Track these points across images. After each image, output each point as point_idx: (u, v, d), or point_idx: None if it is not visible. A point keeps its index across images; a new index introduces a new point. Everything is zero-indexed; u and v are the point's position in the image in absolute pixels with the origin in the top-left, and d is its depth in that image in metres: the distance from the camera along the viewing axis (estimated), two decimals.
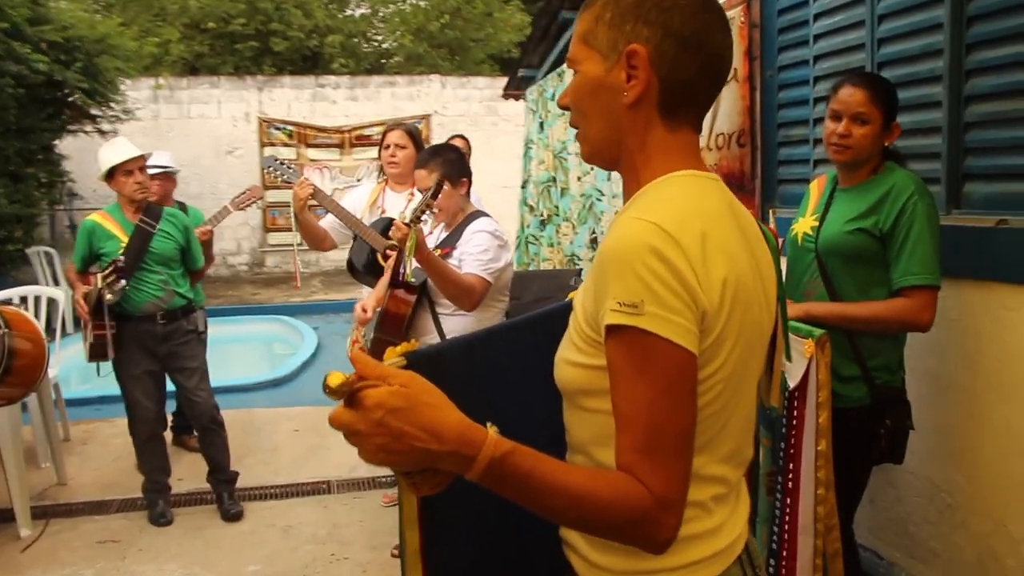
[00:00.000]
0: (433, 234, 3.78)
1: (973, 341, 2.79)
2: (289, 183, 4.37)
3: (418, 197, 4.46)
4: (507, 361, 1.67)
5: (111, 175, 4.32)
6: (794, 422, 2.52)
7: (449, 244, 3.59)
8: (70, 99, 10.29)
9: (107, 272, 4.07)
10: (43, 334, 4.21)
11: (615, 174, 5.62)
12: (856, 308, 2.57)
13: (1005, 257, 2.67)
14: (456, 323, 3.54)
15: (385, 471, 5.15)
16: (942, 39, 2.95)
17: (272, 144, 14.41)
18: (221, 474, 4.63)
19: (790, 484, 2.56)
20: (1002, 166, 2.81)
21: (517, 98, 8.61)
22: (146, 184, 4.40)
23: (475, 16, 18.52)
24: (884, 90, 2.65)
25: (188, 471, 5.13)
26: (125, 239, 4.34)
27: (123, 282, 4.07)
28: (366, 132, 14.79)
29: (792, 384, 2.48)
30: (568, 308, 1.66)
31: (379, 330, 3.57)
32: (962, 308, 2.78)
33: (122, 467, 5.36)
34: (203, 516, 4.61)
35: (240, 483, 4.76)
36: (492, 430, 1.08)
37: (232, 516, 4.51)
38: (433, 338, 3.56)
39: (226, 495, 4.60)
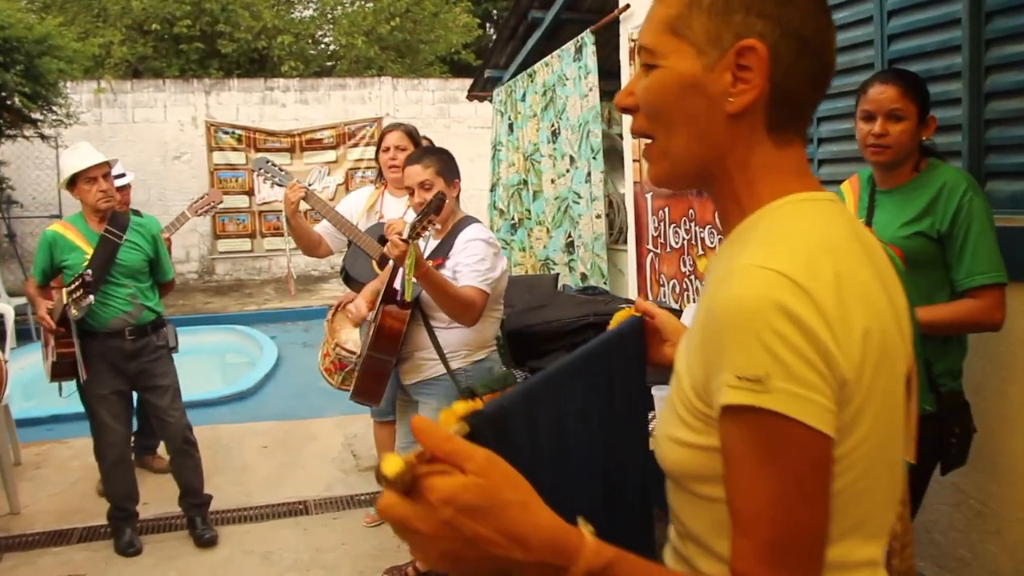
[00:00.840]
0: (421, 243, 3.59)
1: (1007, 344, 2.69)
2: (280, 185, 4.15)
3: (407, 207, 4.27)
4: (566, 408, 1.48)
5: (72, 182, 4.03)
6: None
7: (441, 254, 3.40)
8: (8, 102, 9.85)
9: (73, 287, 3.80)
10: (0, 352, 3.93)
11: (594, 175, 5.53)
12: (926, 313, 2.45)
13: None
14: (453, 336, 3.36)
15: (365, 488, 5.01)
16: (960, 34, 2.86)
17: (221, 149, 14.03)
18: (194, 498, 4.37)
19: None
20: None
21: (482, 99, 8.43)
22: (112, 192, 4.13)
23: (424, 17, 18.30)
24: (915, 84, 2.56)
25: (154, 494, 4.84)
26: (89, 250, 4.07)
27: (91, 297, 3.80)
28: (317, 136, 14.51)
29: None
30: (619, 337, 1.49)
31: (372, 348, 3.36)
32: None
33: (81, 492, 5.07)
34: (174, 543, 4.34)
35: (212, 505, 4.50)
36: (587, 531, 0.87)
37: (206, 541, 4.25)
38: (429, 352, 3.37)
39: (199, 519, 4.34)
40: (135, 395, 4.34)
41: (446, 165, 3.44)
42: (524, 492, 0.85)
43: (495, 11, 23.73)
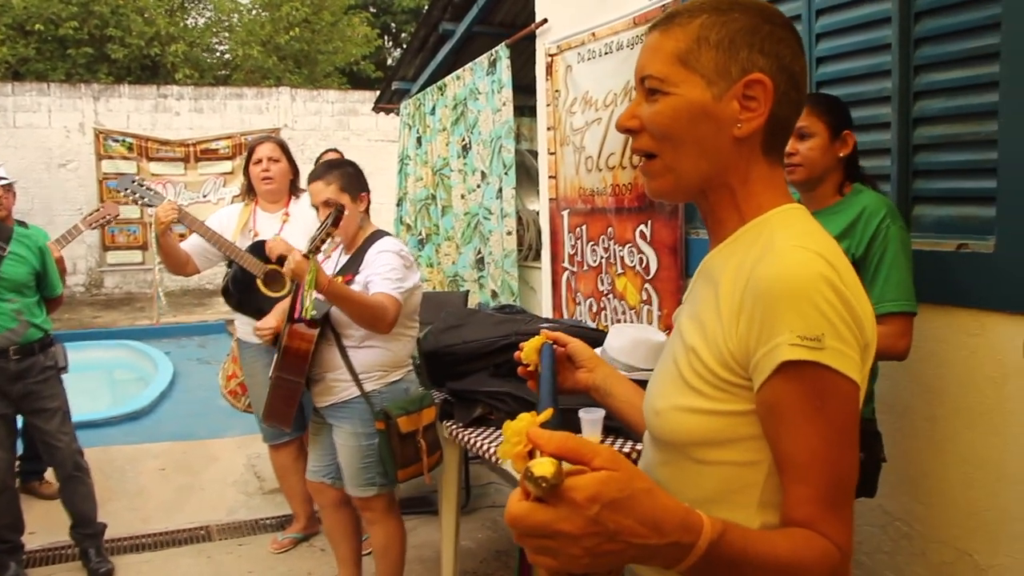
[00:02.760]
0: (332, 259, 3.46)
1: (934, 367, 2.72)
2: (150, 205, 3.92)
3: (296, 221, 4.12)
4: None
5: None
6: None
7: (351, 270, 3.27)
8: None
9: None
10: None
11: (506, 192, 5.47)
12: None
13: (966, 282, 2.61)
14: (366, 356, 3.24)
15: (271, 511, 4.82)
16: (890, 59, 2.89)
17: (110, 157, 13.47)
18: (87, 527, 4.10)
19: None
20: (952, 189, 2.77)
21: (389, 112, 8.30)
22: (4, 199, 3.87)
23: (323, 27, 18.04)
24: (824, 101, 2.60)
25: (41, 523, 4.55)
26: None
27: None
28: (212, 146, 14.08)
29: None
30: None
31: (280, 369, 3.21)
32: (922, 334, 2.70)
33: None
34: None
35: (107, 533, 4.23)
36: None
37: (102, 575, 3.99)
38: (342, 373, 3.23)
39: (93, 551, 4.08)
40: (19, 418, 4.05)
41: (349, 180, 3.32)
42: (647, 479, 0.90)
43: (394, 24, 23.61)
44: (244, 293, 4.00)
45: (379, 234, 3.37)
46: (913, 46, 2.84)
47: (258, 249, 3.98)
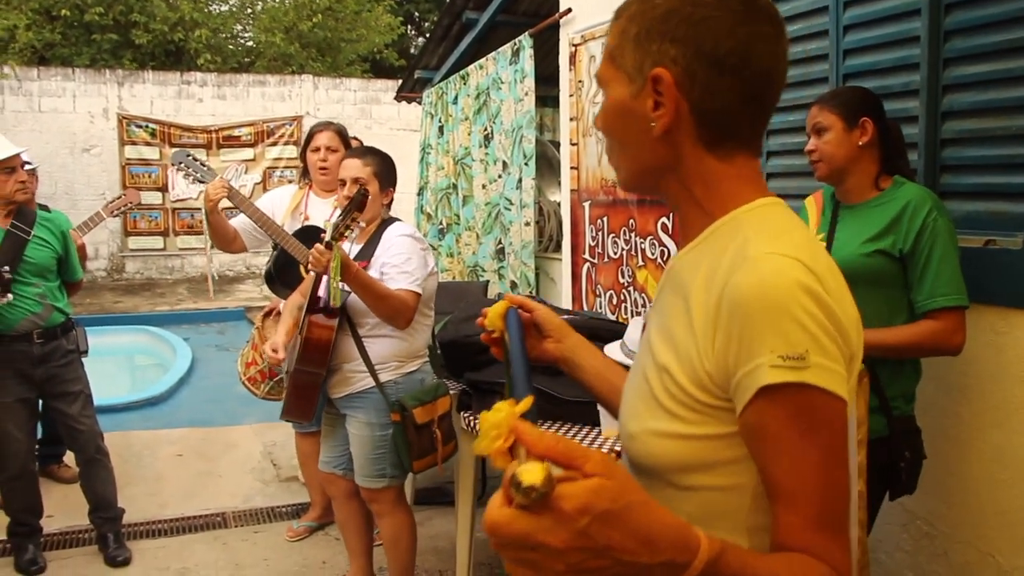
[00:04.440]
0: (345, 246, 3.45)
1: (960, 365, 2.67)
2: (202, 182, 3.94)
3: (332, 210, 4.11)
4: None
5: None
6: None
7: (365, 257, 3.25)
8: None
9: None
10: None
11: (525, 182, 5.45)
12: (885, 335, 2.41)
13: (993, 279, 2.57)
14: (382, 347, 3.22)
15: (287, 499, 4.83)
16: (919, 52, 2.84)
17: (134, 143, 13.55)
18: (106, 511, 4.12)
19: None
20: (980, 184, 2.72)
21: (411, 100, 8.28)
22: (29, 184, 3.88)
23: (346, 15, 18.03)
24: (836, 94, 2.58)
25: (59, 506, 4.57)
26: None
27: (8, 296, 3.55)
28: (235, 133, 14.15)
29: None
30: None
31: (300, 362, 3.19)
32: None
33: None
34: (81, 560, 4.09)
35: (124, 519, 4.25)
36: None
37: (119, 563, 4.01)
38: (358, 364, 3.22)
39: (111, 536, 4.09)
40: (40, 402, 4.08)
41: (385, 169, 3.32)
42: (643, 491, 0.83)
43: (417, 13, 23.58)
44: (287, 277, 4.00)
45: (390, 220, 3.36)
46: (943, 39, 2.79)
47: (306, 234, 3.97)
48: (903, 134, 2.66)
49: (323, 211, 4.09)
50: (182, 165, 4.11)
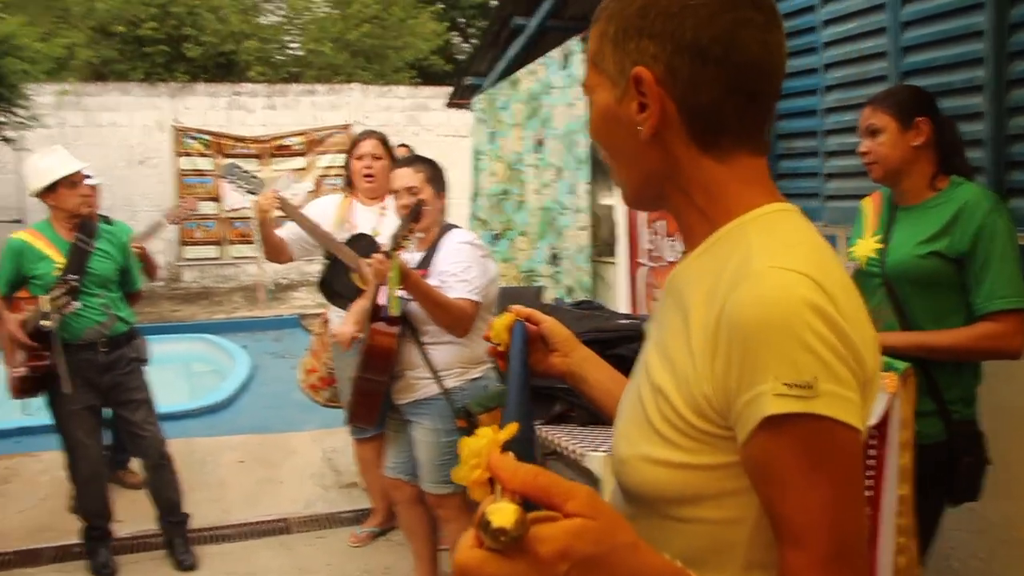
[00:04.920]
0: (404, 256, 3.48)
1: None
2: (253, 193, 4.01)
3: (390, 216, 4.15)
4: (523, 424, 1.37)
5: (52, 188, 3.87)
6: (870, 462, 2.29)
7: (426, 265, 3.29)
8: None
9: (58, 293, 3.63)
10: None
11: (579, 187, 5.44)
12: (939, 337, 2.37)
13: None
14: (445, 353, 3.25)
15: (348, 505, 4.87)
16: (983, 47, 2.79)
17: (188, 154, 13.76)
18: (173, 515, 4.21)
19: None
20: None
21: (461, 107, 8.32)
22: (91, 197, 3.99)
23: (393, 23, 18.17)
24: (888, 95, 2.55)
25: (128, 512, 4.66)
26: (59, 259, 3.91)
27: (76, 303, 3.65)
28: (286, 142, 14.29)
29: (871, 422, 2.25)
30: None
31: (364, 370, 3.23)
32: None
33: (52, 508, 4.87)
34: (150, 565, 4.18)
35: (189, 524, 4.33)
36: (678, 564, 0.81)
37: (186, 568, 4.09)
38: (422, 371, 3.25)
39: (179, 541, 4.18)
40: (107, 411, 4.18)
41: (436, 175, 3.36)
42: (630, 531, 0.76)
43: (462, 19, 23.67)
44: (339, 286, 4.05)
45: (451, 227, 3.39)
46: (1008, 32, 2.74)
47: (356, 242, 4.02)
48: (960, 132, 2.61)
49: (369, 219, 4.14)
50: (232, 178, 4.20)
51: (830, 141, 3.48)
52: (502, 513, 0.66)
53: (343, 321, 3.77)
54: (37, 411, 4.11)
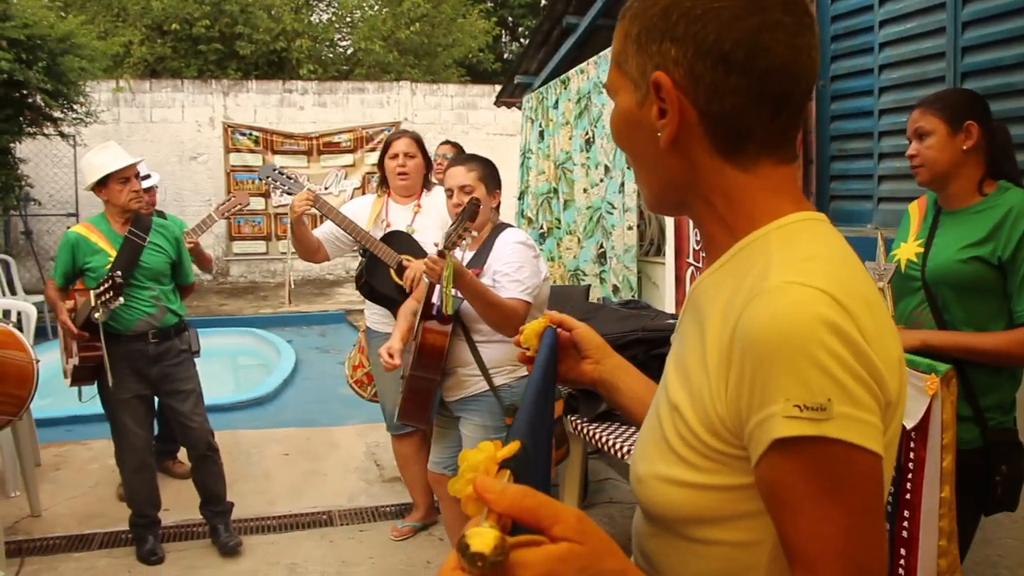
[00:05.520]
0: (456, 254, 3.48)
1: None
2: (290, 194, 4.06)
3: (427, 213, 4.17)
4: (537, 431, 1.34)
5: (103, 182, 3.94)
6: (910, 464, 2.25)
7: (478, 264, 3.28)
8: (30, 100, 9.77)
9: (102, 288, 3.69)
10: (32, 353, 3.84)
11: (628, 186, 5.41)
12: (981, 339, 2.32)
13: None
14: (496, 351, 3.25)
15: (390, 499, 4.90)
16: None
17: (238, 150, 13.98)
18: (216, 505, 4.26)
19: (904, 534, 2.29)
20: None
21: (510, 106, 8.33)
22: (142, 193, 4.05)
23: (442, 21, 18.27)
24: (938, 98, 2.48)
25: (174, 501, 4.73)
26: (112, 252, 3.98)
27: (120, 299, 3.70)
28: (334, 139, 14.46)
29: (910, 424, 2.21)
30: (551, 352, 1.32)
31: (415, 367, 3.24)
32: None
33: (101, 495, 4.96)
34: (196, 552, 4.22)
35: (234, 514, 4.38)
36: None
37: (230, 549, 4.13)
38: (472, 368, 3.25)
39: (222, 527, 4.22)
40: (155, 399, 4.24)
41: (489, 173, 3.35)
42: (620, 556, 0.75)
43: (511, 17, 23.72)
44: (377, 282, 4.08)
45: (503, 226, 3.38)
46: None
47: (392, 239, 4.05)
48: (1012, 136, 2.54)
49: (403, 217, 4.17)
50: (269, 179, 4.24)
51: (884, 143, 3.43)
52: (481, 538, 0.65)
53: (391, 335, 3.74)
54: (91, 400, 4.17)
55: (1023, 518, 2.77)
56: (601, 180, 5.87)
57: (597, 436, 3.08)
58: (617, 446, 2.97)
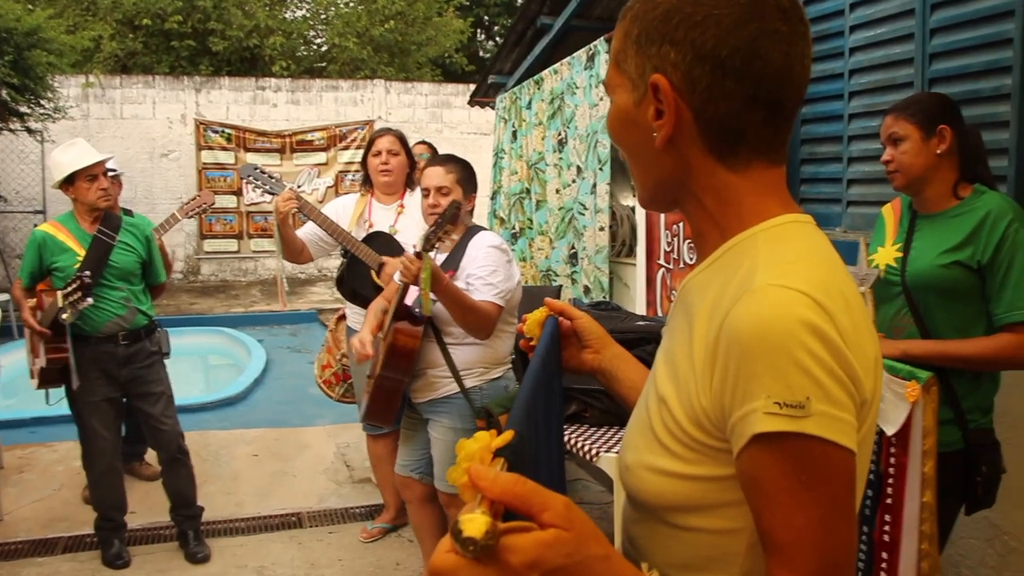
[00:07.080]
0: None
1: None
2: (272, 193, 4.01)
3: (410, 214, 4.14)
4: (538, 420, 1.32)
5: (70, 180, 3.88)
6: (890, 470, 2.27)
7: (451, 266, 3.26)
8: None
9: (70, 289, 3.63)
10: None
11: (600, 187, 5.42)
12: (960, 346, 2.34)
13: None
14: (467, 353, 3.23)
15: (360, 501, 4.87)
16: (1011, 55, 2.76)
17: (210, 148, 13.86)
18: (187, 509, 4.21)
19: (886, 538, 2.31)
20: None
21: (484, 105, 8.31)
22: (111, 191, 3.99)
23: (417, 19, 18.20)
24: (910, 103, 2.50)
25: (141, 503, 4.68)
26: (81, 252, 3.91)
27: (89, 299, 3.64)
28: (308, 137, 14.37)
29: (891, 431, 2.23)
30: (552, 340, 1.35)
31: (385, 368, 3.21)
32: None
33: (66, 498, 4.90)
34: (163, 556, 4.18)
35: (203, 516, 4.33)
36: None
37: (199, 560, 4.08)
38: (443, 370, 3.23)
39: (191, 534, 4.18)
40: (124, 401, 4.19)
41: (467, 176, 3.33)
42: (604, 543, 0.78)
43: (487, 16, 23.69)
44: (358, 283, 4.05)
45: (475, 228, 3.36)
46: None
47: (374, 240, 4.02)
48: (984, 141, 2.56)
49: (386, 216, 4.15)
50: (251, 179, 4.19)
51: (854, 147, 3.45)
52: (473, 523, 0.68)
53: (361, 326, 3.73)
54: (59, 402, 4.10)
55: (983, 518, 2.81)
56: (573, 181, 5.87)
57: (567, 438, 3.07)
58: (586, 448, 2.97)
